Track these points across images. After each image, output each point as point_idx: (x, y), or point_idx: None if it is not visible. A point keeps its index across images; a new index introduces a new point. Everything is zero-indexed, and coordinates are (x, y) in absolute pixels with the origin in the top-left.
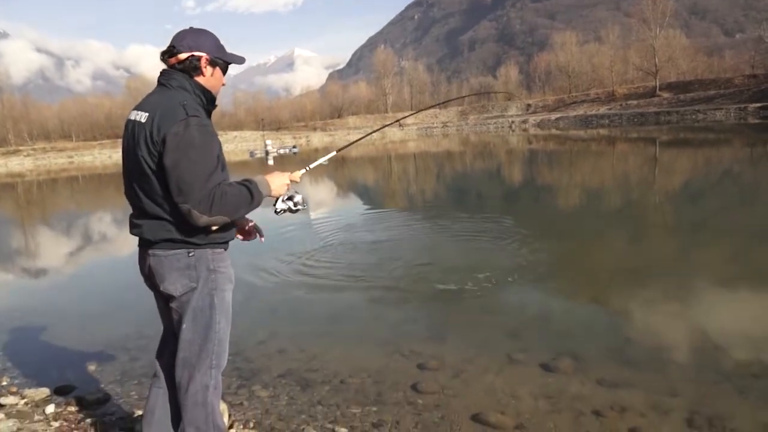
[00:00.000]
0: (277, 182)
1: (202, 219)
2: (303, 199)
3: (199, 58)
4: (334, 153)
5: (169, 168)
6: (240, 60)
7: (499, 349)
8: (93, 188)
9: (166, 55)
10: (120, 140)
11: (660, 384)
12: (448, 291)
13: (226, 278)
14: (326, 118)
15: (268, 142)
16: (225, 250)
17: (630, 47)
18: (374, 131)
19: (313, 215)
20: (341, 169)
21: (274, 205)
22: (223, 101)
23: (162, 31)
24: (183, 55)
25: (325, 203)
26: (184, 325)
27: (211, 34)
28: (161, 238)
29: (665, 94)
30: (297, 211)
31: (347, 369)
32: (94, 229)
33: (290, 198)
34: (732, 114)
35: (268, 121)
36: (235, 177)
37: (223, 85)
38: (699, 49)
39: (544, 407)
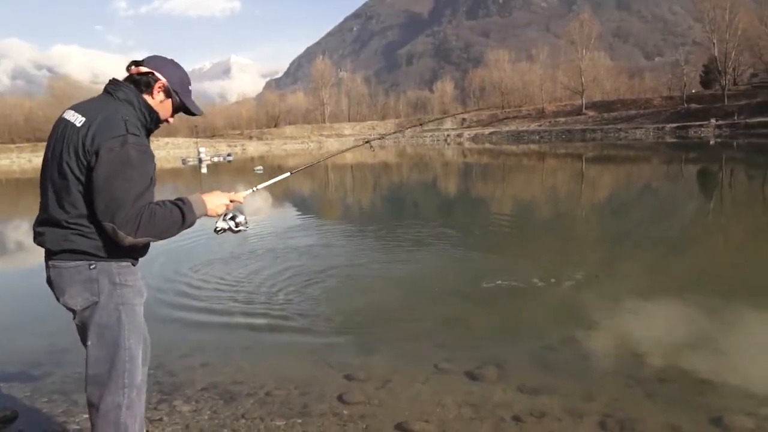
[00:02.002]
0: (215, 202)
1: (128, 239)
2: (245, 219)
3: (157, 79)
4: (287, 174)
5: (100, 184)
6: (197, 111)
7: (426, 358)
8: (9, 195)
9: (131, 65)
10: (41, 143)
11: (576, 389)
12: (378, 301)
13: (135, 292)
14: (262, 127)
15: (202, 149)
16: (134, 264)
17: (558, 67)
18: (351, 148)
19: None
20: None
21: (216, 224)
22: None
23: (91, 31)
24: (144, 69)
25: (259, 212)
26: (89, 342)
27: (183, 71)
28: (62, 249)
29: (591, 113)
30: (238, 231)
31: (273, 381)
32: (9, 237)
33: (232, 218)
34: (651, 133)
35: (202, 128)
36: (163, 186)
37: (168, 122)
38: (622, 70)
39: (468, 415)
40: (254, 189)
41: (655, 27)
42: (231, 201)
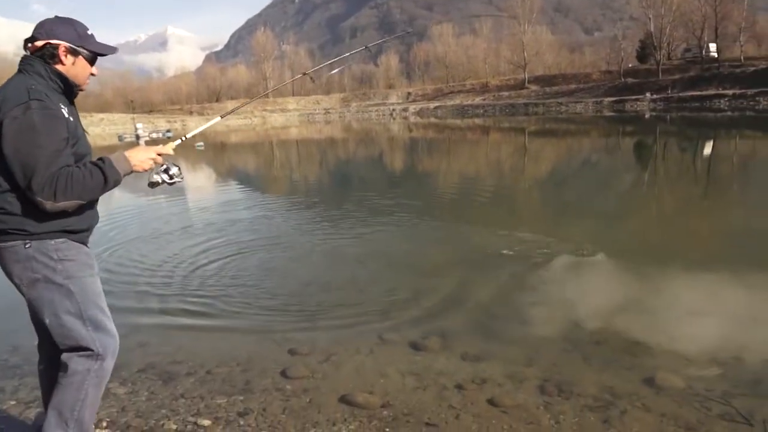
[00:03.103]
0: (140, 157)
1: (48, 204)
2: (180, 171)
3: (56, 47)
4: (217, 119)
5: (10, 154)
6: (109, 50)
7: (370, 331)
8: None
9: (27, 43)
10: None
11: (517, 356)
12: (321, 275)
13: (80, 265)
14: (203, 102)
15: (139, 125)
16: (72, 239)
17: (502, 41)
18: (290, 81)
19: (186, 199)
20: (221, 156)
21: (149, 178)
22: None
23: (15, 1)
24: (40, 43)
25: (202, 187)
26: (47, 320)
27: (73, 22)
28: None
29: (533, 87)
30: (174, 183)
31: (214, 359)
32: None
33: (165, 170)
34: (590, 107)
35: (138, 104)
36: None
37: (93, 74)
38: (563, 45)
39: (411, 384)
40: (183, 138)
41: (594, 2)
42: (159, 154)
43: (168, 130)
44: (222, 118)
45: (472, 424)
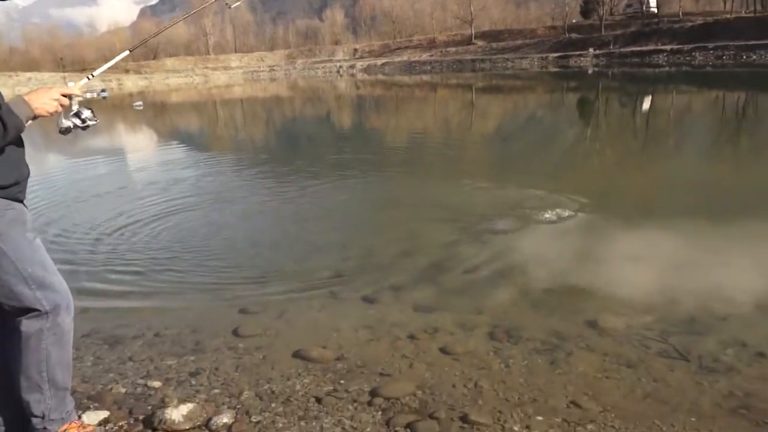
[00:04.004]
0: (42, 99)
1: None
2: (92, 114)
3: None
4: (126, 52)
5: None
6: None
7: (322, 287)
8: None
9: None
10: None
11: (468, 305)
12: (273, 233)
13: (10, 222)
14: (140, 60)
15: (71, 84)
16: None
17: None
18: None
19: (126, 159)
20: (162, 116)
21: (58, 124)
22: (11, 36)
23: None
24: None
25: (142, 149)
26: None
27: None
28: None
29: (480, 43)
30: (87, 126)
31: (163, 321)
32: None
33: (76, 114)
34: (536, 63)
35: (69, 61)
36: (29, 130)
37: None
38: (508, 0)
39: (365, 337)
40: (90, 76)
41: None
42: (64, 95)
43: (103, 90)
44: (131, 51)
45: (425, 372)
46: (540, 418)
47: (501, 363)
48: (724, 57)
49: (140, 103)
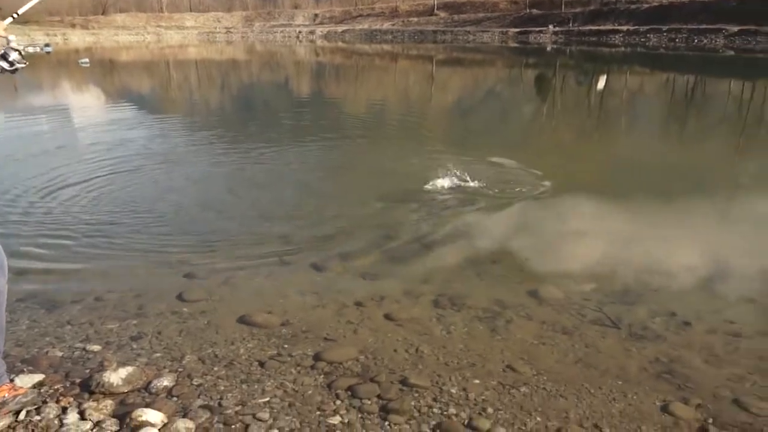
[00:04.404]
0: None
1: None
2: (21, 55)
3: None
4: None
5: None
6: None
7: (270, 253)
8: None
9: None
10: None
11: (415, 274)
12: (221, 198)
13: None
14: (87, 14)
15: (12, 38)
16: None
17: None
18: None
19: (71, 118)
20: (110, 75)
21: None
22: None
23: None
24: None
25: (89, 107)
26: None
27: None
28: None
29: (442, 14)
30: (15, 69)
31: (105, 285)
32: None
33: (3, 56)
34: (496, 37)
35: (8, 12)
36: None
37: None
38: None
39: (311, 303)
40: (15, 15)
41: None
42: None
43: (47, 44)
44: None
45: (369, 337)
46: (477, 381)
47: (443, 329)
48: (677, 40)
49: (87, 60)
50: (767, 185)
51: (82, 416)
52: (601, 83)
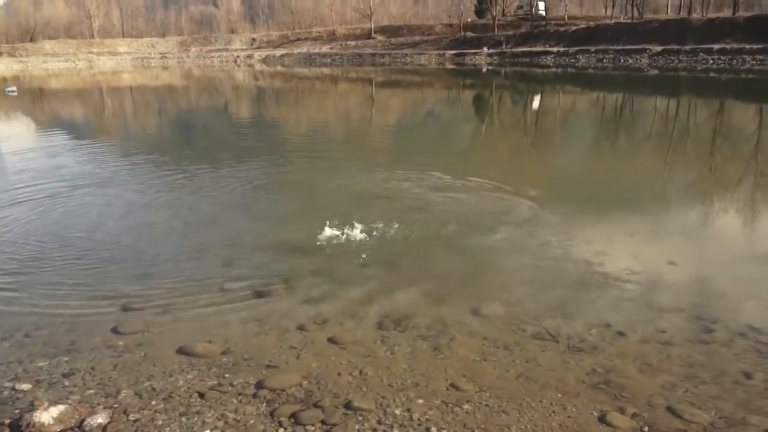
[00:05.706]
0: None
1: None
2: None
3: None
4: None
5: None
6: None
7: (211, 280)
8: None
9: None
10: None
11: (359, 295)
12: (160, 225)
13: None
14: (14, 41)
15: None
16: None
17: None
18: None
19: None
20: (39, 103)
21: None
22: None
23: None
24: None
25: (16, 137)
26: None
27: None
28: None
29: (379, 37)
30: None
31: (34, 321)
32: None
33: None
34: (433, 59)
35: None
36: None
37: None
38: None
39: (253, 330)
40: None
41: None
42: None
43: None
44: None
45: (312, 362)
46: (421, 401)
47: (387, 350)
48: (605, 60)
49: (14, 88)
50: (695, 197)
51: None
52: (536, 102)
